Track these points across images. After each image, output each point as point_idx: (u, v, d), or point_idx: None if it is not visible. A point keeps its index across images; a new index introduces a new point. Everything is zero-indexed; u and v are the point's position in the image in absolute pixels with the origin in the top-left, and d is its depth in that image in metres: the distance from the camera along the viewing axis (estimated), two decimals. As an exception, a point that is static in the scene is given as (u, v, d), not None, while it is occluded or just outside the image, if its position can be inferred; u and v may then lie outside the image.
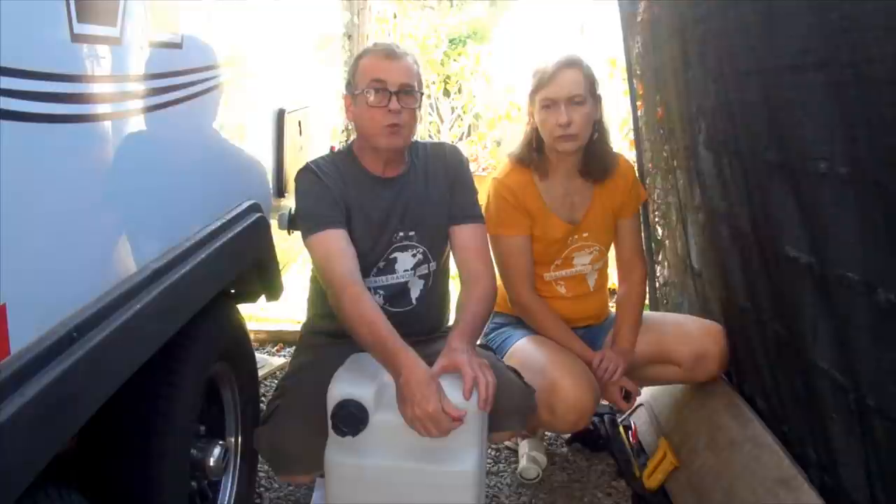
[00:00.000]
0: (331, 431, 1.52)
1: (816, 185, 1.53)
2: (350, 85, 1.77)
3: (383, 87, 1.69)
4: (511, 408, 1.70)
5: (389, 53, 1.73)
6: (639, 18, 2.74)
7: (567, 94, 1.94)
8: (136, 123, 1.31)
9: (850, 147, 1.40)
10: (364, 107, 1.71)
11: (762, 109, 1.80)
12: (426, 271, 1.85)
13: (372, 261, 1.79)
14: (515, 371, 1.80)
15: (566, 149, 1.99)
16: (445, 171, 1.85)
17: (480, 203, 1.90)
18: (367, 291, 1.63)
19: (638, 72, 2.86)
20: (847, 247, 1.42)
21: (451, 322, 1.88)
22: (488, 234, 1.92)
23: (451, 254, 1.90)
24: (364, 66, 1.74)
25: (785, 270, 1.71)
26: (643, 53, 2.80)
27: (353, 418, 1.49)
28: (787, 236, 1.71)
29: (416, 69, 1.76)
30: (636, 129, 2.92)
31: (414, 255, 1.82)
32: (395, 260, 1.81)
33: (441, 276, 1.91)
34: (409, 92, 1.71)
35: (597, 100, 2.01)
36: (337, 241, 1.68)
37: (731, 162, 2.07)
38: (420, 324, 1.82)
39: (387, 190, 1.80)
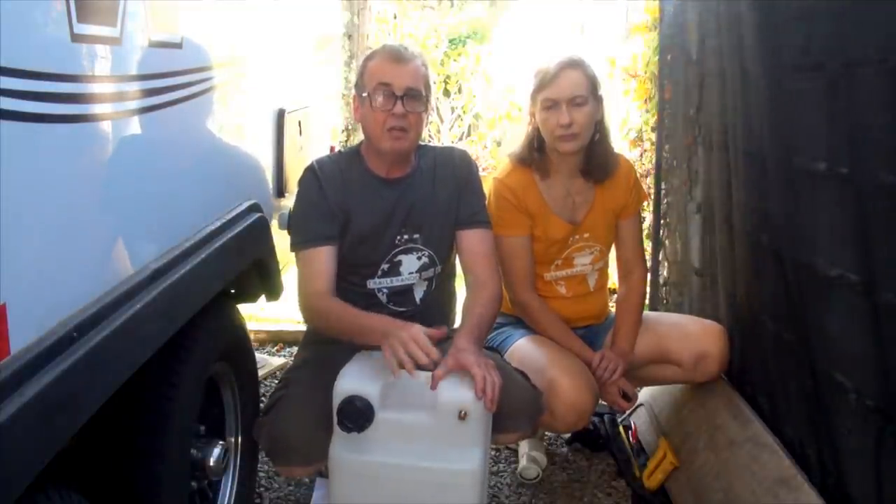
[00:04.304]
0: (336, 427, 1.52)
1: (816, 185, 1.54)
2: (358, 86, 1.78)
3: (389, 91, 1.70)
4: (519, 409, 1.70)
5: (396, 57, 1.73)
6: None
7: (569, 95, 1.94)
8: (136, 123, 1.31)
9: (849, 147, 1.40)
10: (370, 109, 1.72)
11: (765, 109, 1.80)
12: (432, 275, 1.85)
13: (375, 262, 1.80)
14: (523, 373, 1.80)
15: (567, 149, 1.99)
16: (454, 175, 1.84)
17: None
18: (336, 299, 1.71)
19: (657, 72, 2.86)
20: (849, 247, 1.42)
21: (457, 324, 1.88)
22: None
23: (457, 257, 1.90)
24: (371, 68, 1.74)
25: (789, 271, 1.71)
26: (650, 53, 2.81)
27: (359, 415, 1.49)
28: (789, 237, 1.71)
29: (424, 72, 1.76)
30: (660, 129, 2.90)
31: (419, 258, 1.82)
32: (399, 262, 1.81)
33: (446, 277, 1.91)
34: (414, 96, 1.71)
35: (598, 100, 2.01)
36: (317, 261, 1.74)
37: (731, 161, 2.07)
38: (424, 324, 1.82)
39: (389, 191, 1.80)
